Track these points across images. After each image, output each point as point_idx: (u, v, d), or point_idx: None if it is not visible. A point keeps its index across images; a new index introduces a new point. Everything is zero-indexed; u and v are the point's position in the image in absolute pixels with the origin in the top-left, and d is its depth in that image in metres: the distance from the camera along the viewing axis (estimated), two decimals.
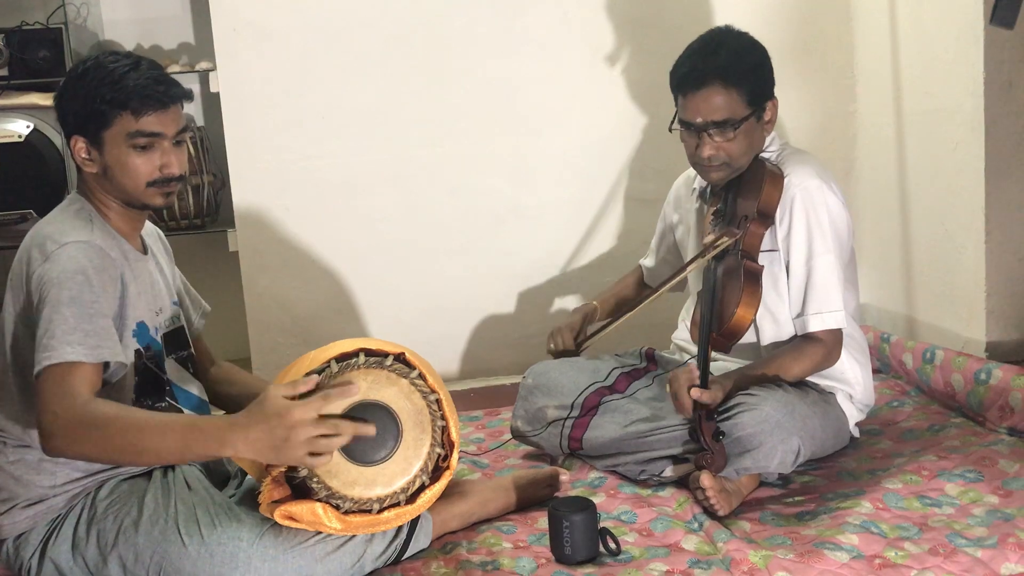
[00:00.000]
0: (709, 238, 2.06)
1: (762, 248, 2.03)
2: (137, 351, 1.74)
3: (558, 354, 2.32)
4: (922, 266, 2.68)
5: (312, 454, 1.51)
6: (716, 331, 1.97)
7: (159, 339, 1.82)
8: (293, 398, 1.53)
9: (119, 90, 1.68)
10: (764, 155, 2.09)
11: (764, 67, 2.06)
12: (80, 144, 1.72)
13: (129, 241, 1.79)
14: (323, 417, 1.52)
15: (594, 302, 2.44)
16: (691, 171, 2.26)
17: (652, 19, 2.90)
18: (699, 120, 2.01)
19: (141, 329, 1.75)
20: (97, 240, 1.68)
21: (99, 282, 1.63)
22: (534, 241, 2.97)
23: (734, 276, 1.99)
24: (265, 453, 1.51)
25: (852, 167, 2.96)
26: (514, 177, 2.94)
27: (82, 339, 1.57)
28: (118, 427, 1.52)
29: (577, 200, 2.97)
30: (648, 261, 2.47)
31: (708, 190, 2.18)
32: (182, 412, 1.82)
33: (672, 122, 2.08)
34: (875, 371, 2.50)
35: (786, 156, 2.10)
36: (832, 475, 2.07)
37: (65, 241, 1.64)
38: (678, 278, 2.15)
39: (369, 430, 1.56)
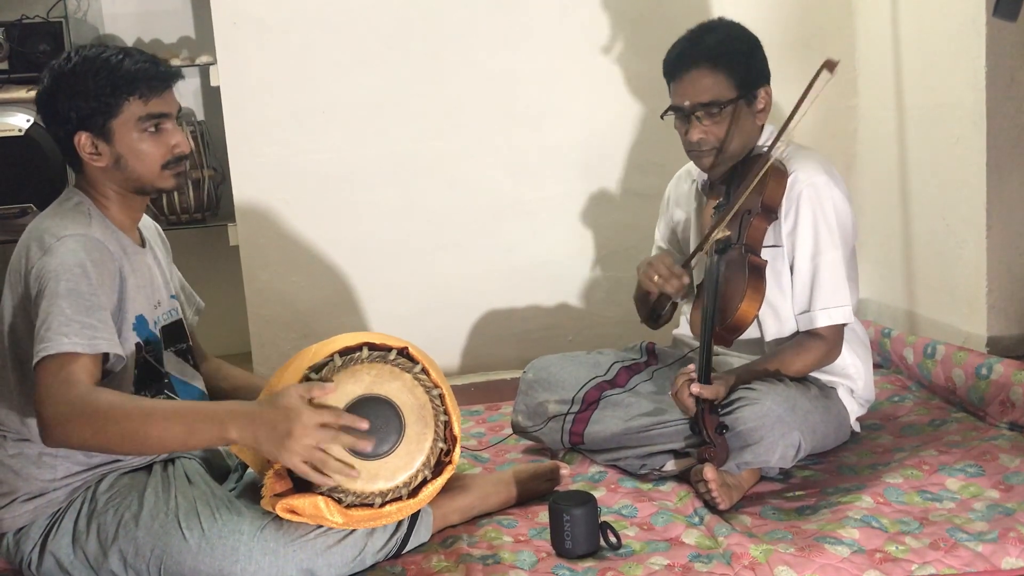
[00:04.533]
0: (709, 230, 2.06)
1: (764, 243, 2.03)
2: (137, 344, 1.74)
3: (665, 282, 2.06)
4: (923, 261, 2.68)
5: (307, 463, 1.55)
6: (719, 325, 1.97)
7: (157, 332, 1.82)
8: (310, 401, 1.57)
9: (121, 77, 1.69)
10: (769, 150, 2.09)
11: (753, 53, 2.08)
12: (85, 139, 1.72)
13: (128, 234, 1.79)
14: (326, 425, 1.55)
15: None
16: (687, 167, 2.26)
17: (652, 13, 2.89)
18: (686, 103, 2.03)
19: (140, 322, 1.75)
20: (95, 233, 1.68)
21: (97, 275, 1.63)
22: (534, 235, 2.97)
23: (738, 270, 1.99)
24: (265, 445, 1.53)
25: (853, 162, 2.96)
26: (514, 171, 2.94)
27: (79, 331, 1.56)
28: (121, 415, 1.52)
29: (577, 194, 2.97)
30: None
31: (708, 184, 2.18)
32: None
33: (665, 111, 2.09)
34: (876, 366, 2.51)
35: (791, 152, 2.09)
36: (833, 469, 2.07)
37: (63, 235, 1.64)
38: (692, 258, 2.14)
39: (365, 446, 1.60)
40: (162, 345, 1.83)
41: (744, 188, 2.00)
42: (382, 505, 1.64)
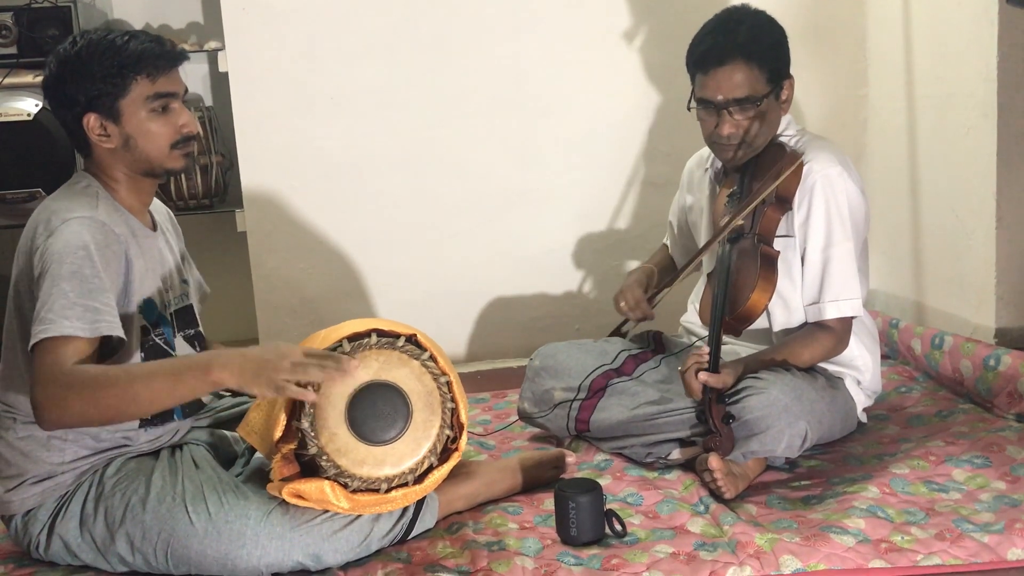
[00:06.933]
0: (724, 220, 2.05)
1: (776, 233, 2.02)
2: (143, 327, 1.75)
3: (630, 311, 2.20)
4: (932, 252, 2.67)
5: (299, 385, 1.52)
6: (729, 315, 1.97)
7: (168, 316, 1.82)
8: None
9: (129, 57, 1.70)
10: (783, 139, 2.08)
11: (783, 45, 2.05)
12: (93, 120, 1.72)
13: (138, 217, 1.79)
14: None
15: (650, 265, 2.36)
16: (704, 151, 2.25)
17: (662, 1, 2.88)
18: (720, 98, 1.99)
19: (148, 306, 1.76)
20: (101, 216, 1.68)
21: (101, 258, 1.63)
22: (542, 224, 2.97)
23: (750, 260, 1.98)
24: (252, 378, 1.51)
25: (863, 151, 2.95)
26: (523, 160, 2.93)
27: (81, 314, 1.57)
28: (107, 382, 1.53)
29: (586, 183, 2.97)
30: (668, 241, 2.45)
31: (722, 171, 2.17)
32: None
33: (689, 101, 2.07)
34: (883, 357, 2.50)
35: (806, 142, 2.08)
36: (839, 460, 2.07)
37: (69, 217, 1.65)
38: (694, 262, 2.14)
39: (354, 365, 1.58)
40: (173, 329, 1.83)
41: (765, 183, 1.99)
42: (388, 491, 1.64)
